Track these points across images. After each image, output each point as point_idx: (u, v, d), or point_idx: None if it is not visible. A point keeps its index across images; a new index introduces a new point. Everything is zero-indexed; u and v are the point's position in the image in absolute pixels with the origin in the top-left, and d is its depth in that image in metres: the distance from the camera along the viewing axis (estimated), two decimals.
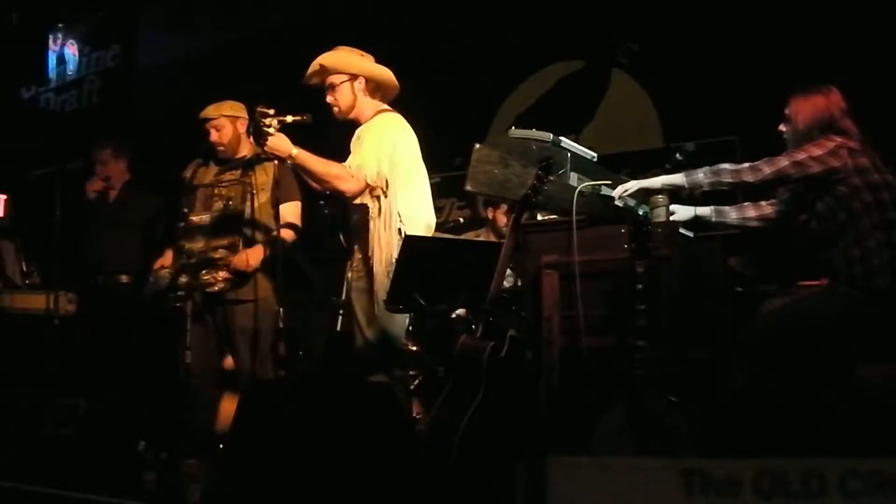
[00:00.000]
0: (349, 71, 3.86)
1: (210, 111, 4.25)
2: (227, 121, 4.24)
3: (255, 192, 4.11)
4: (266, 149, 3.68)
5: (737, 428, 3.05)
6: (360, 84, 3.87)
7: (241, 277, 4.07)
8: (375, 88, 3.92)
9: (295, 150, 3.66)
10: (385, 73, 3.92)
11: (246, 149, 4.26)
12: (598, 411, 2.96)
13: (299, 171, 3.80)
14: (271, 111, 3.65)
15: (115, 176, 5.27)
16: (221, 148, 4.25)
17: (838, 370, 3.15)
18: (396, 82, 3.94)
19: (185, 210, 4.26)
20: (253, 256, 4.06)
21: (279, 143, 3.64)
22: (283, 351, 3.83)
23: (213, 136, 4.24)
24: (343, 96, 3.86)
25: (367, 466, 2.78)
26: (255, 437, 2.97)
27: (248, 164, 4.19)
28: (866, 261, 3.08)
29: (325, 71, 3.86)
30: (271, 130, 3.63)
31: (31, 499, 3.46)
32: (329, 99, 3.88)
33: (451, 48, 6.15)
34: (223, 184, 4.23)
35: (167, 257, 4.23)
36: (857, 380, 3.15)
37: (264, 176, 4.09)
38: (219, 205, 4.19)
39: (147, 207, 5.17)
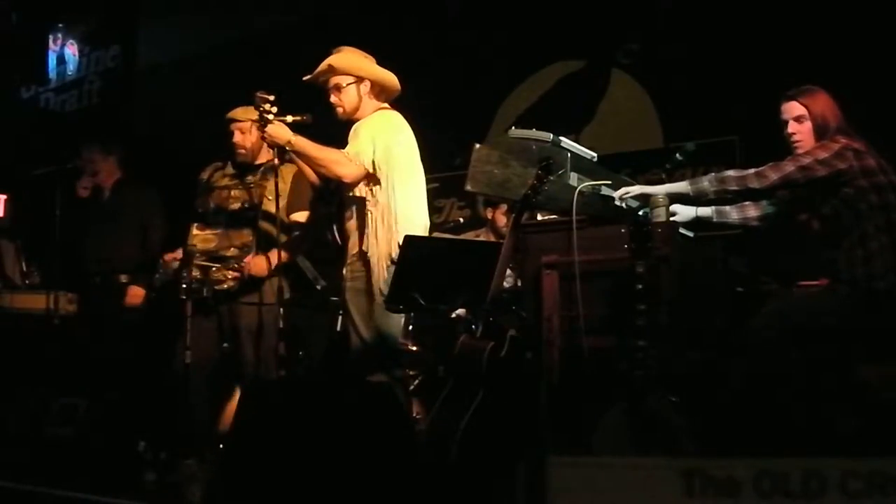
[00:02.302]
0: (356, 73, 3.87)
1: (238, 112, 4.22)
2: (253, 125, 4.22)
3: (271, 197, 4.08)
4: (264, 135, 3.70)
5: (737, 428, 3.05)
6: (365, 87, 3.88)
7: (252, 279, 4.08)
8: (380, 91, 3.93)
9: (293, 137, 3.69)
10: (389, 77, 3.94)
11: (265, 157, 4.22)
12: (598, 411, 2.95)
13: (298, 157, 3.83)
14: (271, 97, 3.67)
15: (106, 174, 5.21)
16: (243, 151, 4.24)
17: (838, 370, 3.14)
18: (399, 85, 3.95)
19: (200, 210, 4.26)
20: (272, 261, 4.05)
21: (277, 130, 3.68)
22: (283, 351, 3.84)
23: (237, 137, 4.23)
24: (348, 98, 3.88)
25: (367, 466, 2.78)
26: (255, 437, 2.98)
27: (268, 171, 4.16)
28: (869, 263, 3.07)
29: (332, 72, 3.87)
30: (270, 117, 3.66)
31: (31, 499, 3.46)
32: (333, 99, 3.89)
33: (452, 48, 6.15)
34: (240, 187, 4.23)
35: (178, 253, 4.22)
36: (857, 380, 3.15)
37: (282, 183, 4.05)
38: (234, 206, 4.19)
39: (142, 205, 5.13)
